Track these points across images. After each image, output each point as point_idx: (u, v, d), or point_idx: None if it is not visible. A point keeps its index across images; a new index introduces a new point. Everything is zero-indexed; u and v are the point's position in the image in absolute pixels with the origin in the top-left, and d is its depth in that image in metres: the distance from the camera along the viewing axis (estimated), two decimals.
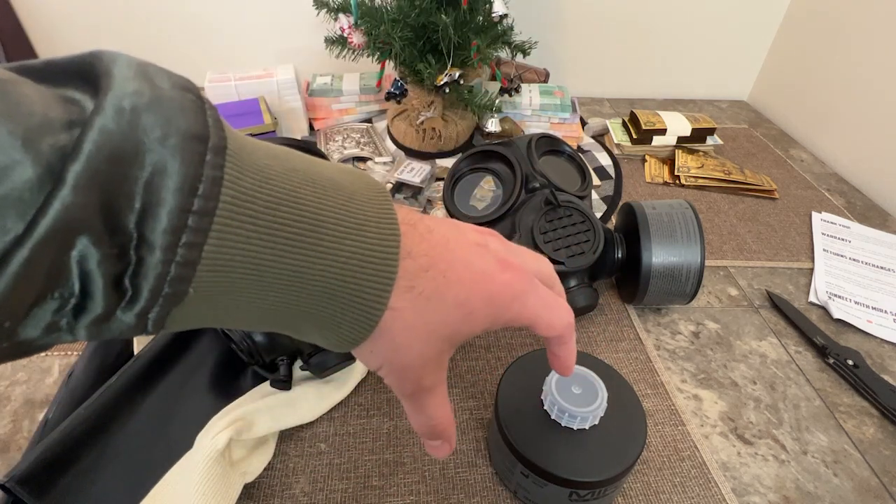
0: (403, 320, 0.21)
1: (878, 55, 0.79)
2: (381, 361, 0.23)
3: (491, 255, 0.24)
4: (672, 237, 0.49)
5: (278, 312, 0.19)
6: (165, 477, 0.35)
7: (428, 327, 0.22)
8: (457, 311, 0.22)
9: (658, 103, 1.02)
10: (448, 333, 0.23)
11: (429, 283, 0.22)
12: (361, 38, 0.68)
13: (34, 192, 0.13)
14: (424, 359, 0.23)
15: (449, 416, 0.26)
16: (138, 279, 0.15)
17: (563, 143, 0.59)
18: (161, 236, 0.15)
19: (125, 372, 0.42)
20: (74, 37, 0.95)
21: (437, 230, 0.23)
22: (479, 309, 0.23)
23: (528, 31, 0.77)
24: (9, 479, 0.34)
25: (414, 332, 0.22)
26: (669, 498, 0.39)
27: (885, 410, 0.46)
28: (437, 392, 0.25)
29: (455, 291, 0.22)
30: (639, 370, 0.49)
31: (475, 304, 0.23)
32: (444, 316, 0.22)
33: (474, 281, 0.23)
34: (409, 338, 0.22)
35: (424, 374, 0.23)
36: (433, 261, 0.22)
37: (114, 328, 0.16)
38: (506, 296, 0.23)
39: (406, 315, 0.21)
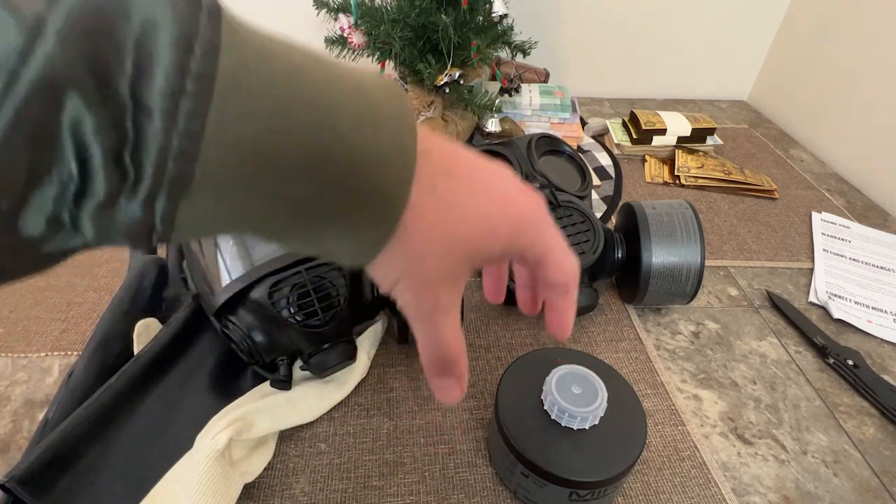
0: (426, 222, 0.20)
1: (877, 55, 0.79)
2: (399, 273, 0.21)
3: (509, 180, 0.23)
4: (672, 237, 0.49)
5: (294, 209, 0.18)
6: (165, 477, 0.35)
7: (450, 235, 0.21)
8: (480, 224, 0.21)
9: (658, 103, 1.02)
10: (469, 248, 0.21)
11: (451, 186, 0.20)
12: (361, 38, 0.68)
13: (18, 54, 0.12)
14: (444, 272, 0.21)
15: (463, 347, 0.24)
16: (139, 153, 0.14)
17: (563, 143, 0.59)
18: (159, 99, 0.14)
19: (125, 372, 0.41)
20: None
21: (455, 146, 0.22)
22: (501, 227, 0.22)
23: (528, 31, 0.77)
24: (9, 479, 0.34)
25: (436, 238, 0.20)
26: (669, 498, 0.39)
27: (885, 410, 0.46)
28: (454, 314, 0.23)
29: (478, 202, 0.21)
30: (639, 370, 0.49)
31: (497, 220, 0.22)
32: (467, 226, 0.21)
33: (497, 197, 0.22)
34: (431, 245, 0.20)
35: (443, 291, 0.22)
36: (455, 166, 0.21)
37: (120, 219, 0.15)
38: (527, 219, 0.23)
39: (428, 216, 0.20)
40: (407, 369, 0.48)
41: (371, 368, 0.47)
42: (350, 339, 0.43)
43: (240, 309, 0.41)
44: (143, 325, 0.46)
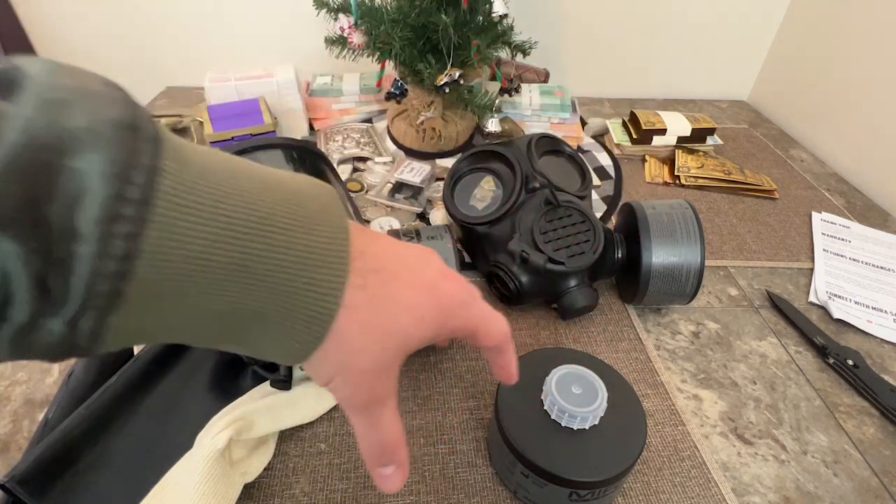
0: (359, 320, 0.21)
1: (878, 55, 0.79)
2: (335, 369, 0.22)
3: (435, 266, 0.25)
4: (672, 237, 0.49)
5: (227, 317, 0.18)
6: (165, 477, 0.35)
7: (384, 329, 0.22)
8: (409, 315, 0.22)
9: (658, 103, 1.02)
10: (401, 339, 0.22)
11: (381, 284, 0.21)
12: (361, 38, 0.68)
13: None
14: (379, 364, 0.22)
15: (401, 435, 0.25)
16: (69, 276, 0.14)
17: (563, 143, 0.59)
18: (93, 226, 0.14)
19: (125, 372, 0.41)
20: (74, 37, 0.95)
21: (382, 238, 0.23)
22: (429, 314, 0.23)
23: (528, 31, 0.77)
24: (9, 479, 0.34)
25: (369, 333, 0.21)
26: (669, 498, 0.39)
27: (885, 410, 0.46)
28: (390, 405, 0.24)
29: (407, 295, 0.22)
30: (639, 370, 0.49)
31: (425, 309, 0.23)
32: (398, 318, 0.22)
33: (423, 287, 0.23)
34: (365, 340, 0.21)
35: (378, 383, 0.23)
36: (383, 263, 0.22)
37: (39, 341, 0.15)
38: (453, 303, 0.24)
39: (361, 314, 0.21)
40: (407, 369, 0.48)
41: None
42: None
43: None
44: None
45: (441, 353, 0.49)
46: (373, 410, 0.23)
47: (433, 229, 0.47)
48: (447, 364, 0.48)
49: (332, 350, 0.21)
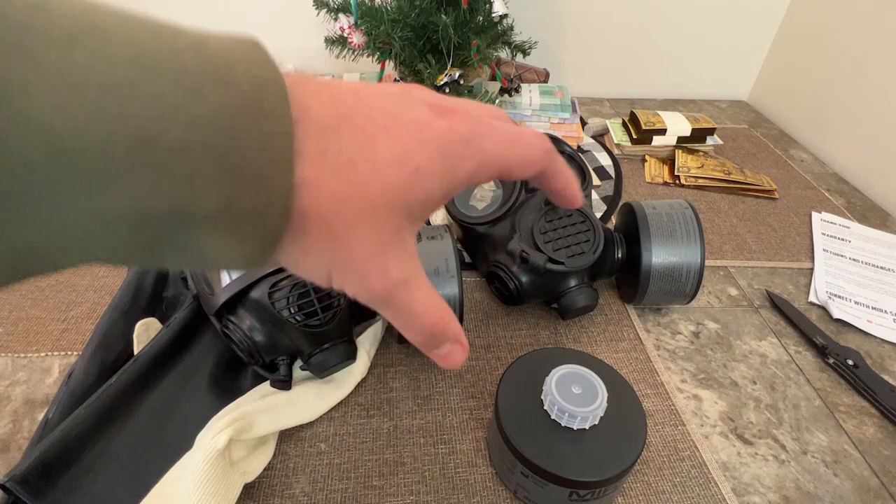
0: (329, 195, 0.16)
1: (878, 55, 0.79)
2: (328, 264, 0.17)
3: (419, 102, 0.19)
4: (672, 237, 0.49)
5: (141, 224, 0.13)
6: (165, 477, 0.35)
7: (368, 197, 0.16)
8: (399, 171, 0.17)
9: (658, 103, 1.02)
10: (399, 202, 0.17)
11: (346, 142, 0.16)
12: (361, 38, 0.69)
13: None
14: (379, 242, 0.17)
15: (444, 308, 0.20)
16: None
17: (563, 143, 0.59)
18: None
19: (125, 372, 0.41)
20: None
21: (340, 84, 0.18)
22: (427, 164, 0.17)
23: (528, 31, 0.77)
24: (9, 479, 0.34)
25: (351, 207, 0.16)
26: (669, 498, 0.39)
27: (885, 410, 0.46)
28: (417, 283, 0.19)
29: (385, 147, 0.17)
30: (639, 370, 0.49)
31: (419, 158, 0.17)
32: (384, 180, 0.17)
33: (407, 130, 0.17)
34: (348, 217, 0.16)
35: (389, 263, 0.18)
36: (343, 115, 0.16)
37: None
38: (454, 142, 0.18)
39: (330, 186, 0.16)
40: (407, 369, 0.48)
41: (371, 368, 0.47)
42: (350, 339, 0.43)
43: (240, 309, 0.41)
44: (143, 325, 0.46)
45: None
46: (397, 297, 0.18)
47: (433, 229, 0.47)
48: None
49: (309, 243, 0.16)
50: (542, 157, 0.21)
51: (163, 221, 0.13)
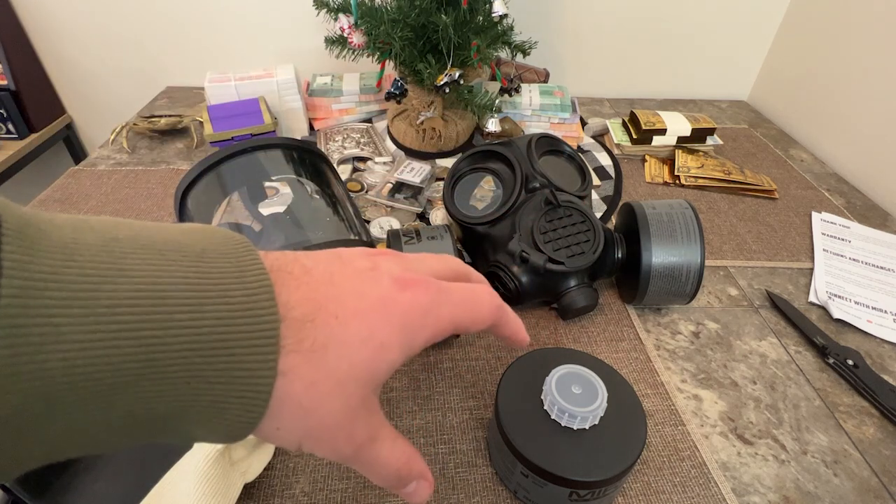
0: (302, 380, 0.18)
1: (878, 55, 0.79)
2: (298, 435, 0.19)
3: (385, 277, 0.21)
4: (672, 237, 0.49)
5: (140, 422, 0.15)
6: (165, 477, 0.35)
7: (336, 377, 0.19)
8: (365, 350, 0.19)
9: (658, 103, 1.02)
10: (364, 376, 0.19)
11: (320, 331, 0.18)
12: (361, 38, 0.69)
13: None
14: (346, 413, 0.19)
15: (409, 453, 0.22)
16: None
17: (563, 143, 0.59)
18: None
19: None
20: (74, 37, 0.95)
21: (317, 268, 0.20)
22: (390, 339, 0.20)
23: (528, 31, 0.77)
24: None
25: (320, 388, 0.18)
26: (669, 498, 0.39)
27: (885, 410, 0.46)
28: (381, 437, 0.21)
29: (354, 329, 0.19)
30: (639, 370, 0.49)
31: (383, 335, 0.20)
32: (351, 359, 0.19)
33: (374, 310, 0.20)
34: (318, 396, 0.18)
35: (356, 428, 0.20)
36: (318, 304, 0.19)
37: None
38: (415, 316, 0.21)
39: (303, 373, 0.18)
40: (407, 369, 0.48)
41: None
42: None
43: None
44: None
45: (441, 353, 0.49)
46: (363, 454, 0.21)
47: (433, 229, 0.47)
48: (447, 364, 0.48)
49: (283, 420, 0.18)
50: (493, 312, 0.24)
51: (159, 419, 0.16)
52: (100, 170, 0.73)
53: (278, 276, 0.18)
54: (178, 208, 0.46)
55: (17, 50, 0.92)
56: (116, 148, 0.78)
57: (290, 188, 0.46)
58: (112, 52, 0.97)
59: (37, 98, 0.96)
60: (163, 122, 0.79)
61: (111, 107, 1.03)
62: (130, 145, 0.79)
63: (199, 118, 0.80)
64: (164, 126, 0.79)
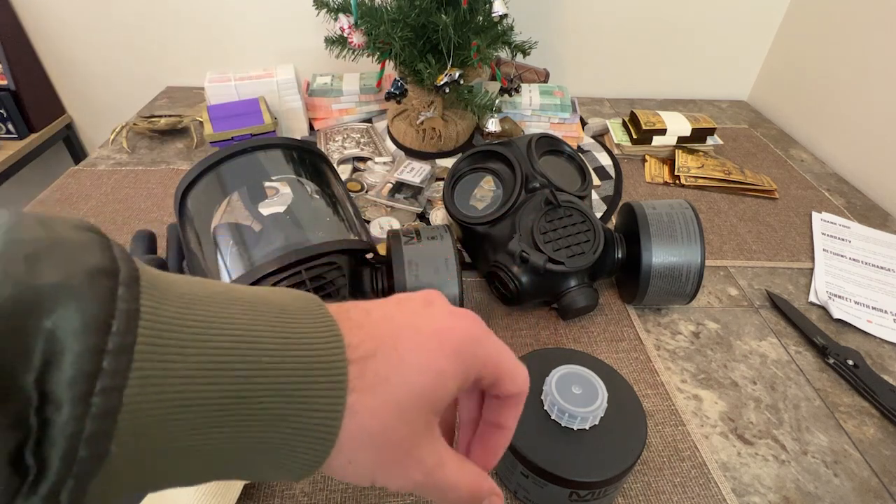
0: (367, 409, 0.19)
1: (877, 55, 0.79)
2: (370, 467, 0.20)
3: (439, 311, 0.23)
4: (672, 237, 0.49)
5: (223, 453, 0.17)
6: None
7: (398, 404, 0.20)
8: (423, 378, 0.20)
9: (658, 103, 1.02)
10: (424, 404, 0.20)
11: (381, 365, 0.20)
12: (361, 38, 0.69)
13: None
14: (413, 437, 0.20)
15: (478, 473, 0.23)
16: (44, 448, 0.13)
17: (563, 143, 0.59)
18: (68, 388, 0.13)
19: None
20: (74, 37, 0.95)
21: (376, 310, 0.22)
22: (447, 366, 0.21)
23: (528, 31, 0.77)
24: None
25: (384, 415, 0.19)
26: (669, 498, 0.39)
27: (885, 410, 0.46)
28: (448, 460, 0.22)
29: (413, 360, 0.20)
30: (639, 370, 0.49)
31: (441, 363, 0.21)
32: (411, 387, 0.20)
33: (430, 340, 0.21)
34: (383, 423, 0.19)
35: (424, 454, 0.21)
36: (379, 341, 0.20)
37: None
38: (467, 342, 0.22)
39: (368, 403, 0.19)
40: None
41: None
42: None
43: None
44: None
45: None
46: (436, 480, 0.21)
47: (433, 229, 0.47)
48: None
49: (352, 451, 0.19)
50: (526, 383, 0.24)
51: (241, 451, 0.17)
52: (100, 170, 0.73)
53: (342, 321, 0.20)
54: (178, 208, 0.46)
55: (17, 50, 0.92)
56: (116, 148, 0.78)
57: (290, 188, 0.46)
58: (112, 52, 0.97)
59: (37, 98, 0.96)
60: (163, 122, 0.79)
61: (111, 107, 1.03)
62: (130, 145, 0.79)
63: (199, 118, 0.80)
64: (164, 126, 0.79)
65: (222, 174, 0.46)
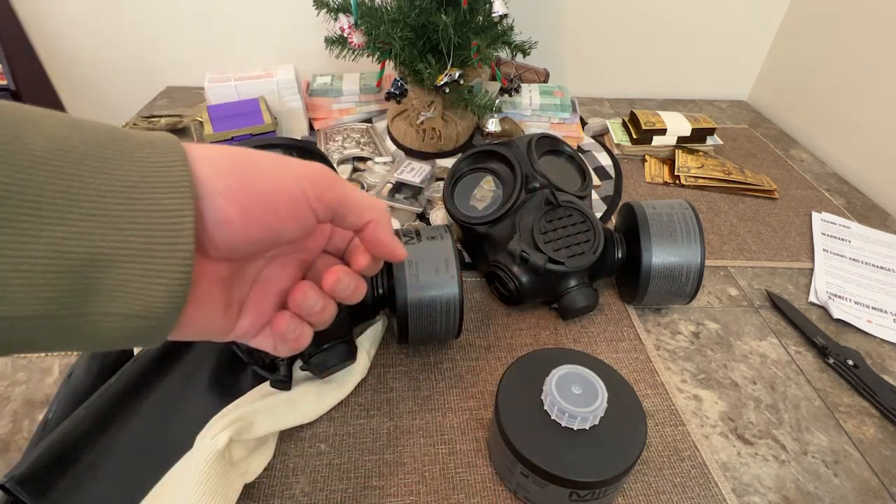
0: (211, 155, 0.20)
1: (877, 55, 0.79)
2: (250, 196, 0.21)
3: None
4: (672, 237, 0.49)
5: (64, 268, 0.16)
6: (165, 477, 0.35)
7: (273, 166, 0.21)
8: (279, 167, 0.22)
9: (658, 103, 1.02)
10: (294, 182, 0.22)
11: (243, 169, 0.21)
12: (361, 38, 0.68)
13: None
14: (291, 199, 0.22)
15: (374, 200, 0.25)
16: None
17: (563, 143, 0.59)
18: None
19: (125, 372, 0.41)
20: (74, 37, 0.95)
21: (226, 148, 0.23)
22: (306, 187, 0.22)
23: (528, 31, 0.77)
24: (9, 479, 0.34)
25: (231, 157, 0.21)
26: (669, 498, 0.39)
27: (885, 410, 0.46)
28: (341, 192, 0.23)
29: (280, 170, 0.22)
30: (639, 370, 0.49)
31: (300, 183, 0.22)
32: (268, 167, 0.21)
33: (292, 168, 0.22)
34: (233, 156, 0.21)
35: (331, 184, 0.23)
36: (235, 161, 0.21)
37: None
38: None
39: (210, 154, 0.20)
40: (407, 369, 0.48)
41: (371, 368, 0.47)
42: (350, 340, 0.43)
43: None
44: None
45: (441, 352, 0.49)
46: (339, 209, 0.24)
47: (433, 229, 0.47)
48: (447, 364, 0.48)
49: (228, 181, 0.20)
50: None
51: (86, 265, 0.16)
52: None
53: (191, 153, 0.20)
54: None
55: (17, 50, 0.92)
56: None
57: None
58: (112, 52, 0.96)
59: (37, 98, 0.96)
60: (163, 122, 0.79)
61: (111, 107, 1.02)
62: None
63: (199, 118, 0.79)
64: (164, 126, 0.79)
65: None
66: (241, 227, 0.20)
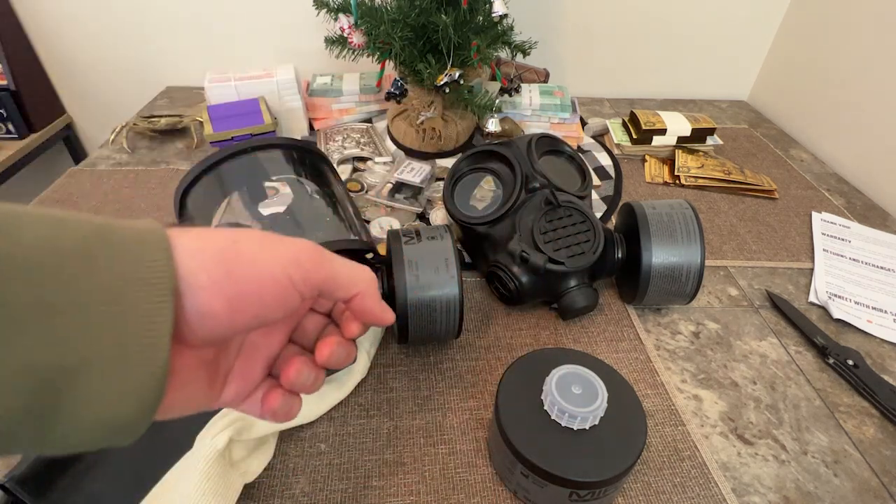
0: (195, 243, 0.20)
1: (878, 55, 0.79)
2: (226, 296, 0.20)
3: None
4: (672, 237, 0.49)
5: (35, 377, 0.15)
6: (165, 477, 0.35)
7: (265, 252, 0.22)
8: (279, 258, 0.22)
9: (658, 103, 1.02)
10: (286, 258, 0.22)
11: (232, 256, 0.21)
12: (361, 38, 0.68)
13: None
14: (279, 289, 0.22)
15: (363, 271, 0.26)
16: None
17: (563, 143, 0.59)
18: None
19: None
20: (74, 37, 0.95)
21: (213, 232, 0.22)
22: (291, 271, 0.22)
23: (528, 31, 0.77)
24: (9, 478, 0.34)
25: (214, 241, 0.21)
26: (669, 498, 0.39)
27: (885, 410, 0.46)
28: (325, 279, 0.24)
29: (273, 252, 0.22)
30: (639, 370, 0.49)
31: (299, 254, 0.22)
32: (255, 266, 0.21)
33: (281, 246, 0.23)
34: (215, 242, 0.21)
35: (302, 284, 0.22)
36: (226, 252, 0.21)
37: None
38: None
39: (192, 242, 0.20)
40: (407, 369, 0.48)
41: (371, 368, 0.47)
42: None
43: None
44: None
45: (441, 352, 0.49)
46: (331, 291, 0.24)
47: (433, 229, 0.47)
48: (447, 364, 0.48)
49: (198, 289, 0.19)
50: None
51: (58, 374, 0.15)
52: (100, 170, 0.73)
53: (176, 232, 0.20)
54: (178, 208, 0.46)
55: (17, 50, 0.92)
56: (116, 148, 0.78)
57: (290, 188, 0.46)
58: (112, 52, 0.96)
59: (37, 98, 0.96)
60: (163, 122, 0.79)
61: (111, 107, 1.03)
62: (130, 145, 0.79)
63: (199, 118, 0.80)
64: (164, 126, 0.79)
65: (222, 174, 0.46)
66: (226, 319, 0.20)
